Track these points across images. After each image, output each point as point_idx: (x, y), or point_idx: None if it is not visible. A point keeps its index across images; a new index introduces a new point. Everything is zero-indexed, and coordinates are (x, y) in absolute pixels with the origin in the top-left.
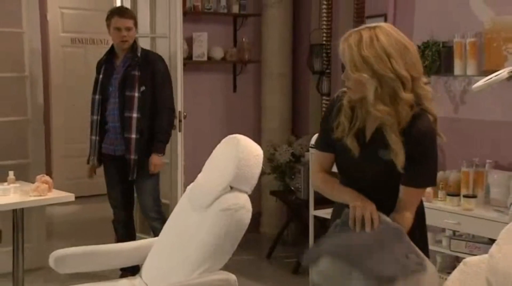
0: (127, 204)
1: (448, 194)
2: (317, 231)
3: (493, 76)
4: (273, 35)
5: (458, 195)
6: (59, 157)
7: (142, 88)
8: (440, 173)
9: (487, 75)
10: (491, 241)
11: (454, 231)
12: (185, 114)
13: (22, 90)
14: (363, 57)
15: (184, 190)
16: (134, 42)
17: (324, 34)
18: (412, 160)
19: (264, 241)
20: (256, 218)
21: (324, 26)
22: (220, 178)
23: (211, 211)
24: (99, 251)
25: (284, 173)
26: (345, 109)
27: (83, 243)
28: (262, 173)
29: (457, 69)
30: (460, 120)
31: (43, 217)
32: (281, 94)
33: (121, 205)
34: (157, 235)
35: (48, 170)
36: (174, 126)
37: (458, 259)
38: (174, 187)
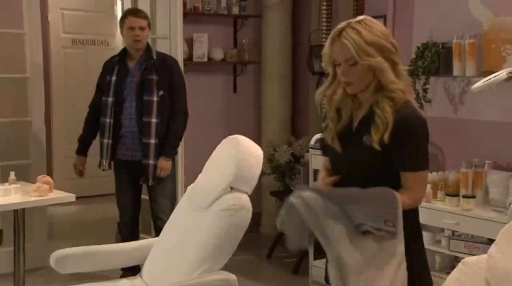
0: (136, 207)
1: (447, 194)
2: None
3: (492, 77)
4: (273, 36)
5: (457, 195)
6: (60, 158)
7: (161, 92)
8: (440, 174)
9: (486, 76)
10: (490, 241)
11: (453, 231)
12: None
13: (23, 91)
14: (370, 42)
15: (185, 191)
16: (148, 44)
17: (324, 35)
18: (400, 142)
19: (264, 241)
20: (256, 218)
21: (324, 27)
22: (220, 179)
23: (211, 211)
24: (100, 251)
25: (284, 174)
26: (331, 113)
27: (84, 243)
28: (262, 174)
29: (456, 70)
30: (459, 120)
31: (44, 217)
32: (281, 95)
33: (129, 208)
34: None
35: (49, 171)
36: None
37: (457, 259)
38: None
